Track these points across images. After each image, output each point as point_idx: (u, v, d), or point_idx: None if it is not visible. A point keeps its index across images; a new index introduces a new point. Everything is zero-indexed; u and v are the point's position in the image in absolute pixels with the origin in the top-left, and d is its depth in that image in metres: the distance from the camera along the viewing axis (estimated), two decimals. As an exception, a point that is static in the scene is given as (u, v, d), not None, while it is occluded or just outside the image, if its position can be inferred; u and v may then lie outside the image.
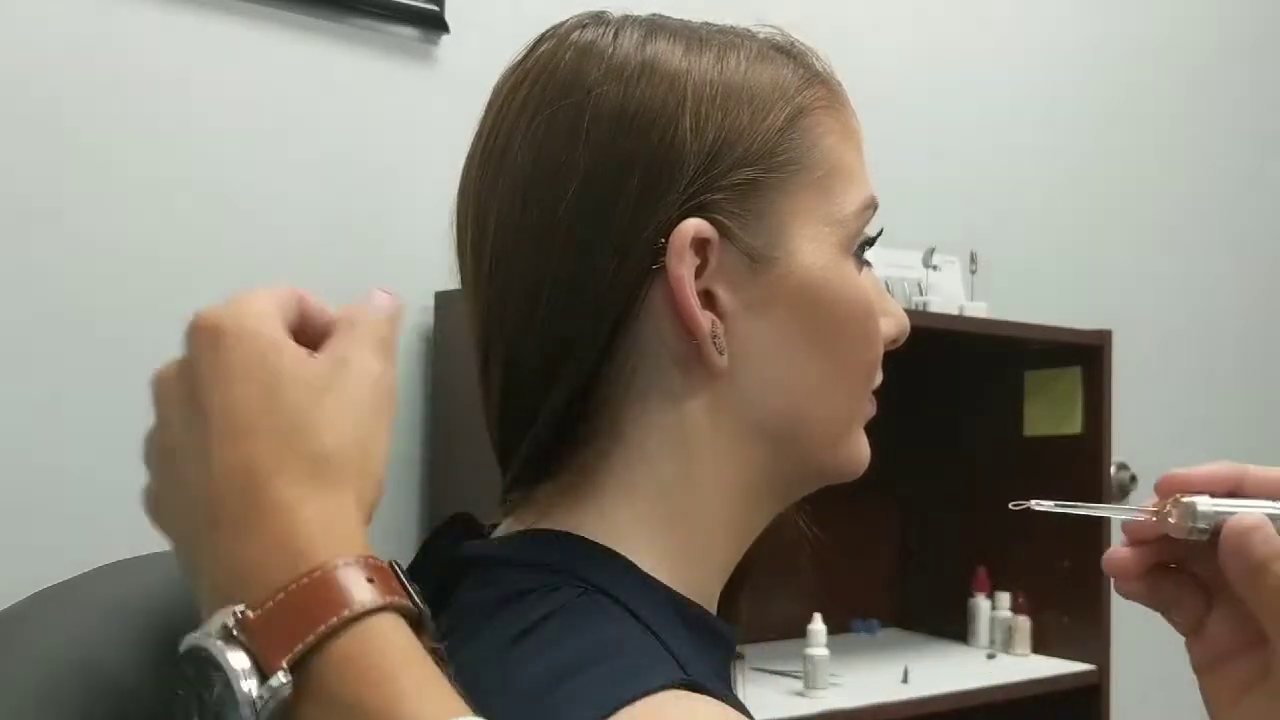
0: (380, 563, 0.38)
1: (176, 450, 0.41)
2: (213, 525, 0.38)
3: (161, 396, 0.42)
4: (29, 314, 1.30)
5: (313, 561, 0.36)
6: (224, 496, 0.38)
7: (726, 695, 0.46)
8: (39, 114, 1.31)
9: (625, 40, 0.52)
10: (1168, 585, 0.53)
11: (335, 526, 0.38)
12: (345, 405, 0.40)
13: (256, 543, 0.37)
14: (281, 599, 0.36)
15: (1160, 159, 2.53)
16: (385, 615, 0.36)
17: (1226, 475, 0.50)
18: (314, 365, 0.41)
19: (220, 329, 0.41)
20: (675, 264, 0.49)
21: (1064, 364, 1.84)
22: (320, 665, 0.35)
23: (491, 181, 0.53)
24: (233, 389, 0.39)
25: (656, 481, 0.51)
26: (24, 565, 1.15)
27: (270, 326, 0.41)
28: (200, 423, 0.39)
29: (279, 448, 0.38)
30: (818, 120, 0.54)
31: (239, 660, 0.35)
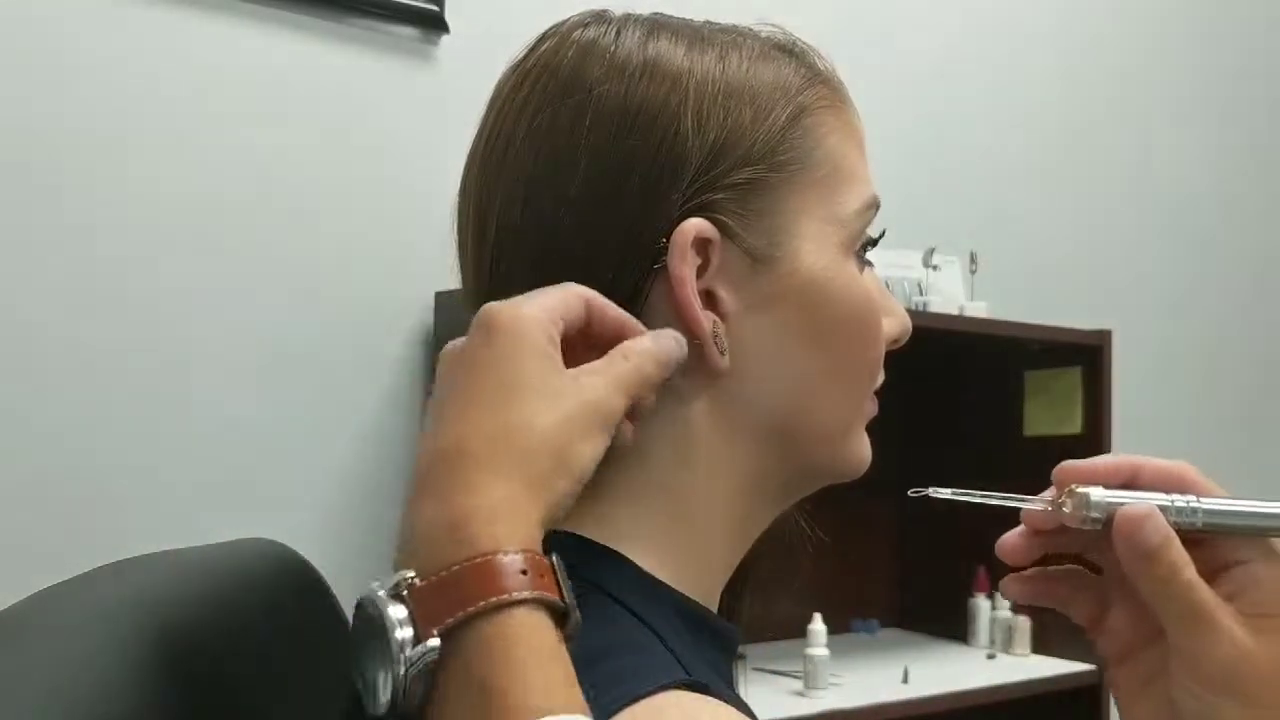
0: (541, 559, 0.40)
1: (431, 418, 0.45)
2: (419, 490, 0.43)
3: (441, 368, 0.47)
4: (29, 314, 1.30)
5: (481, 547, 0.39)
6: (432, 470, 0.43)
7: (729, 695, 0.46)
8: (39, 114, 1.31)
9: (627, 39, 0.52)
10: (1065, 585, 0.54)
11: (512, 519, 0.41)
12: (561, 418, 0.44)
13: (443, 518, 0.41)
14: (445, 575, 0.39)
15: (1160, 158, 2.53)
16: (531, 607, 0.39)
17: (1123, 467, 0.50)
18: (554, 380, 0.44)
19: (494, 325, 0.45)
20: (677, 264, 0.49)
21: (1064, 364, 1.84)
22: (464, 640, 0.38)
23: (493, 180, 0.53)
24: (480, 380, 0.44)
25: (657, 481, 0.51)
26: (24, 565, 1.15)
27: (538, 332, 0.45)
28: (449, 400, 0.44)
29: (491, 438, 0.42)
30: (820, 120, 0.54)
31: (399, 617, 0.39)
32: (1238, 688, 0.47)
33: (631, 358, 0.47)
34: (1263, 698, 0.47)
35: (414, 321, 1.54)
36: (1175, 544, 0.47)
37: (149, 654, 0.53)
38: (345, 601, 0.69)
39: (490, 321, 0.45)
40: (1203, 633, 0.47)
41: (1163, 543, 0.47)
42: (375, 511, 1.51)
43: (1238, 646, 0.47)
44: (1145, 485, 0.50)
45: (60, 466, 1.30)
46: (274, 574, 0.66)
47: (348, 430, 1.49)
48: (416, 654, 0.38)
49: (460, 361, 0.46)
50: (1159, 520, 0.47)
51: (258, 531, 0.71)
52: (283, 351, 1.45)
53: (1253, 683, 0.47)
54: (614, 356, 0.47)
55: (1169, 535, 0.47)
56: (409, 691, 0.38)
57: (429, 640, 0.38)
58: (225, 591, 0.62)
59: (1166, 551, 0.47)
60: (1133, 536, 0.47)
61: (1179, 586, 0.47)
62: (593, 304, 0.48)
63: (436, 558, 0.40)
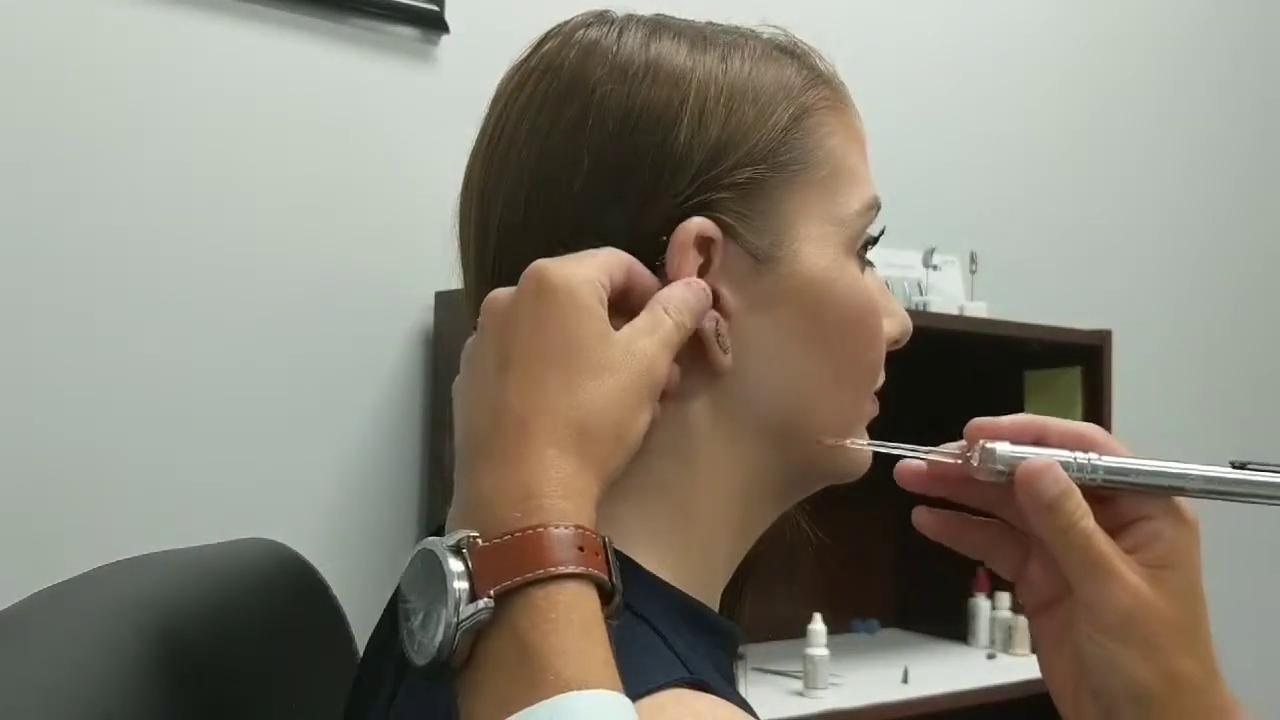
0: (595, 536, 0.42)
1: (483, 368, 0.46)
2: (482, 454, 0.44)
3: (488, 316, 0.47)
4: (29, 313, 1.30)
5: (542, 518, 0.41)
6: (498, 434, 0.44)
7: (730, 694, 0.46)
8: (40, 114, 1.31)
9: (629, 39, 0.52)
10: (984, 534, 0.55)
11: (576, 496, 0.42)
12: (618, 391, 0.45)
13: (509, 486, 0.42)
14: (507, 540, 0.41)
15: (1160, 158, 2.53)
16: (580, 582, 0.40)
17: (1031, 425, 0.52)
18: (611, 349, 0.46)
19: (547, 282, 0.45)
20: (677, 262, 0.49)
21: (1064, 364, 1.84)
22: (516, 604, 0.40)
23: (495, 180, 0.53)
24: (538, 341, 0.45)
25: (659, 480, 0.51)
26: (24, 565, 1.15)
27: (591, 293, 0.46)
28: (503, 360, 0.45)
29: (556, 409, 0.44)
30: (821, 120, 0.54)
31: (459, 570, 0.40)
32: (1136, 635, 0.48)
33: (672, 313, 0.48)
34: (1161, 645, 0.48)
35: (414, 321, 1.54)
36: (1074, 496, 0.49)
37: (149, 654, 0.53)
38: (345, 601, 0.69)
39: (543, 278, 0.46)
40: (1101, 581, 0.48)
41: (1061, 494, 0.48)
42: (375, 511, 1.51)
43: (1136, 595, 0.48)
44: (1051, 444, 0.51)
45: (60, 466, 1.30)
46: (274, 574, 0.66)
47: (348, 430, 1.49)
48: (470, 611, 0.40)
49: (514, 318, 0.46)
50: (1058, 473, 0.49)
51: (258, 531, 0.71)
52: (283, 351, 1.45)
53: (1151, 630, 0.48)
54: (657, 312, 0.48)
55: (1068, 487, 0.49)
56: (458, 646, 0.40)
57: (482, 599, 0.40)
58: (225, 591, 0.62)
59: (1065, 502, 0.48)
60: (1032, 487, 0.49)
61: (1078, 536, 0.48)
62: (633, 269, 0.49)
63: (500, 522, 0.41)
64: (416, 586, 0.42)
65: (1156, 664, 0.48)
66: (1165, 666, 0.48)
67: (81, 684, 0.49)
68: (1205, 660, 0.49)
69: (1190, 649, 0.49)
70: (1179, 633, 0.48)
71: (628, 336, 0.46)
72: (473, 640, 0.40)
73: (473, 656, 0.40)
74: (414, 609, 0.42)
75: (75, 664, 0.50)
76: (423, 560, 0.42)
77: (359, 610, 0.66)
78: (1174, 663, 0.48)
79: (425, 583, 0.41)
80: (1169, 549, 0.49)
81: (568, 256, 0.48)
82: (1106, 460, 0.50)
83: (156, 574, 0.61)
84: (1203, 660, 0.49)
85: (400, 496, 1.53)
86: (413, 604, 0.42)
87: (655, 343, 0.47)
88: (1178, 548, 0.49)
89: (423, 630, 0.41)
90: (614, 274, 0.48)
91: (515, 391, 0.44)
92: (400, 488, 1.53)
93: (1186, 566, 0.49)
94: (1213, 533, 0.53)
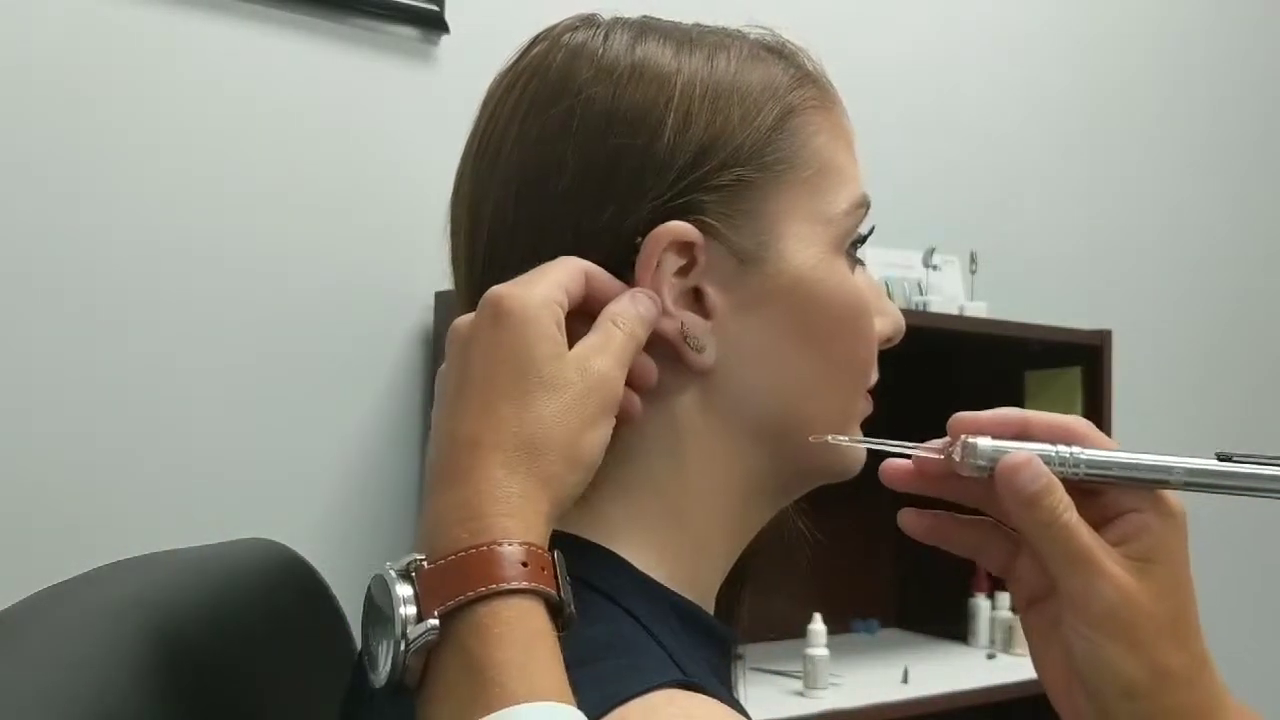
0: (542, 554, 0.42)
1: (442, 398, 0.47)
2: (436, 477, 0.44)
3: (452, 343, 0.48)
4: (29, 313, 1.30)
5: (488, 537, 0.41)
6: (451, 457, 0.44)
7: (724, 694, 0.46)
8: (40, 114, 1.31)
9: (616, 41, 0.53)
10: (972, 531, 0.55)
11: (522, 514, 0.43)
12: (567, 408, 0.45)
13: (455, 506, 0.43)
14: (452, 560, 0.41)
15: (1161, 158, 2.53)
16: (526, 597, 0.41)
17: (1012, 419, 0.51)
18: (562, 367, 0.46)
19: (503, 309, 0.46)
20: (640, 269, 0.50)
21: (1064, 364, 1.84)
22: (462, 622, 0.40)
23: (484, 182, 0.53)
24: (492, 367, 0.45)
25: (650, 479, 0.51)
26: (24, 565, 1.15)
27: (547, 316, 0.46)
28: (459, 386, 0.46)
29: (504, 429, 0.44)
30: (808, 120, 0.54)
31: (405, 594, 0.41)
32: (1121, 629, 0.48)
33: (621, 325, 0.48)
34: (1146, 638, 0.48)
35: (414, 321, 1.55)
36: (1056, 490, 0.48)
37: (149, 654, 0.53)
38: (345, 601, 0.69)
39: (498, 305, 0.46)
40: (1085, 575, 0.48)
41: (1042, 488, 0.48)
42: (375, 511, 1.51)
43: (1120, 589, 0.48)
44: (1035, 437, 0.51)
45: (60, 466, 1.30)
46: (274, 574, 0.66)
47: (348, 430, 1.49)
48: (416, 632, 0.40)
49: (472, 345, 0.47)
50: (1037, 467, 0.49)
51: (258, 531, 0.71)
52: (283, 351, 1.45)
53: (1136, 624, 0.48)
54: (607, 327, 0.48)
55: (1049, 481, 0.48)
56: (408, 667, 0.40)
57: (429, 620, 0.40)
58: (225, 591, 0.62)
59: (1046, 496, 0.48)
60: (1012, 482, 0.49)
61: (1060, 530, 0.48)
62: (592, 277, 0.49)
63: (446, 544, 0.42)
64: (371, 612, 0.43)
65: (1143, 658, 0.48)
66: (1152, 660, 0.48)
67: (81, 684, 0.49)
68: (1194, 653, 0.49)
69: (1178, 642, 0.49)
70: (1165, 626, 0.48)
71: (580, 355, 0.47)
72: (424, 660, 0.41)
73: (425, 675, 0.41)
74: (369, 634, 0.43)
75: (75, 664, 0.50)
76: (375, 586, 0.43)
77: (359, 610, 0.66)
78: (1161, 656, 0.48)
79: (376, 610, 0.42)
80: (1155, 542, 0.49)
81: (524, 277, 0.48)
82: (1089, 453, 0.50)
83: (156, 574, 0.61)
84: (1191, 653, 0.49)
85: (400, 496, 1.53)
86: (370, 628, 0.43)
87: (608, 358, 0.47)
88: (1164, 540, 0.49)
89: (377, 652, 0.42)
90: (571, 288, 0.48)
91: (468, 415, 0.45)
92: (400, 488, 1.53)
93: (1173, 559, 0.49)
94: (1209, 527, 0.53)
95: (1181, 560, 0.49)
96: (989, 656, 1.80)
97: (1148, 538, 0.49)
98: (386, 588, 0.42)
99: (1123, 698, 0.49)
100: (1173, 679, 0.49)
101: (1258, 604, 2.57)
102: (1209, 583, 0.58)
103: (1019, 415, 0.51)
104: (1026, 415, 0.51)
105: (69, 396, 1.31)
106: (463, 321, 0.48)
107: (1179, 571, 0.49)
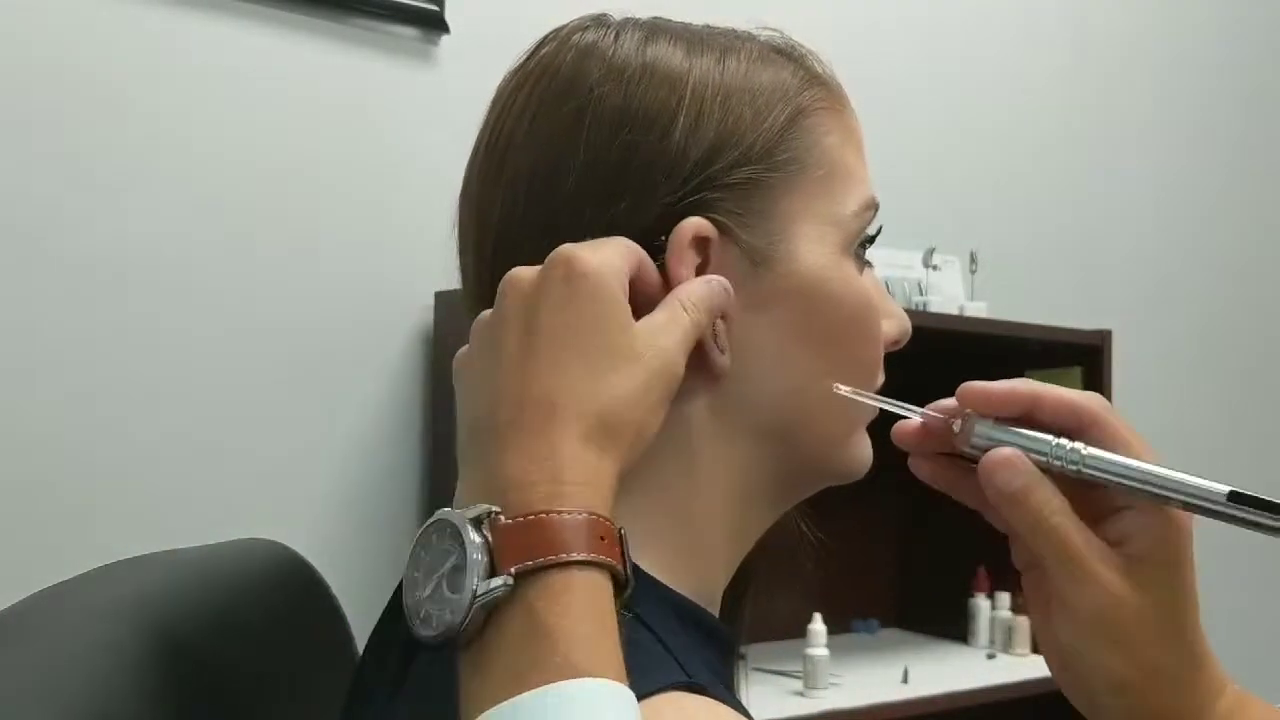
0: (613, 527, 0.42)
1: (502, 348, 0.45)
2: (507, 433, 0.43)
3: (512, 295, 0.46)
4: (29, 313, 1.30)
5: (569, 504, 0.41)
6: (524, 417, 0.43)
7: (727, 697, 0.46)
8: (40, 115, 1.31)
9: (626, 42, 0.53)
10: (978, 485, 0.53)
11: (596, 482, 0.43)
12: (641, 386, 0.45)
13: (534, 467, 0.42)
14: (531, 519, 0.41)
15: (1161, 158, 2.53)
16: (596, 570, 0.41)
17: (1021, 396, 0.50)
18: (636, 341, 0.46)
19: (576, 266, 0.45)
20: (674, 262, 0.49)
21: (1064, 364, 1.84)
22: (533, 584, 0.40)
23: (493, 182, 0.53)
24: (568, 320, 0.45)
25: (657, 480, 0.51)
26: (24, 565, 1.15)
27: (618, 283, 0.46)
28: (530, 339, 0.45)
29: (583, 397, 0.44)
30: (818, 121, 0.54)
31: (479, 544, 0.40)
32: (1107, 630, 0.48)
33: (690, 310, 0.48)
34: (1136, 641, 0.48)
35: (414, 321, 1.55)
36: (1041, 489, 0.48)
37: (148, 654, 0.53)
38: (345, 602, 0.69)
39: (571, 263, 0.45)
40: (1071, 576, 0.48)
41: (1024, 488, 0.48)
42: (375, 511, 1.51)
43: (1108, 593, 0.47)
44: (1044, 418, 0.50)
45: (60, 466, 1.30)
46: (274, 574, 0.66)
47: (348, 430, 1.49)
48: (487, 586, 0.39)
49: (540, 299, 0.45)
50: (1021, 466, 0.48)
51: (258, 531, 0.71)
52: (282, 351, 1.45)
53: (1125, 627, 0.48)
54: (675, 308, 0.48)
55: (1031, 481, 0.48)
56: (470, 619, 0.40)
57: (503, 576, 0.40)
58: (225, 591, 0.62)
59: (1029, 496, 0.48)
60: (992, 479, 0.48)
61: (1045, 529, 0.48)
62: (644, 262, 0.49)
63: (524, 503, 0.41)
64: (428, 556, 0.42)
65: (1131, 658, 0.48)
66: (1141, 661, 0.48)
67: (81, 684, 0.49)
68: (1190, 652, 0.49)
69: (1169, 643, 0.48)
70: (1156, 627, 0.48)
71: (649, 330, 0.46)
72: (485, 616, 0.40)
73: (483, 633, 0.40)
74: (423, 579, 0.41)
75: (75, 664, 0.50)
76: (437, 530, 0.42)
77: (359, 610, 0.66)
78: (1151, 657, 0.48)
79: (439, 553, 0.41)
80: (1152, 544, 0.48)
81: (591, 242, 0.47)
82: (1091, 453, 0.48)
83: (156, 574, 0.61)
84: (1187, 652, 0.49)
85: (400, 496, 1.53)
86: (421, 574, 0.41)
87: (674, 340, 0.47)
88: (1162, 543, 0.48)
89: (432, 601, 0.41)
90: (631, 263, 0.48)
91: (540, 372, 0.44)
92: (400, 487, 1.53)
93: (1170, 561, 0.48)
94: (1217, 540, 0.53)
95: (1180, 561, 0.48)
96: (989, 656, 1.80)
97: (1146, 539, 0.48)
98: (457, 533, 0.41)
99: (1110, 693, 0.49)
100: (1163, 677, 0.48)
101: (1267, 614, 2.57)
102: (1214, 585, 0.57)
103: (1028, 392, 0.50)
104: (1037, 393, 0.50)
105: (69, 397, 1.31)
106: (524, 273, 0.47)
107: (1177, 573, 0.48)
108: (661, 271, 0.50)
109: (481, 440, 0.44)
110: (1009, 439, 0.49)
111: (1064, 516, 0.48)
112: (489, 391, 0.45)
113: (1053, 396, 0.50)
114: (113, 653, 0.52)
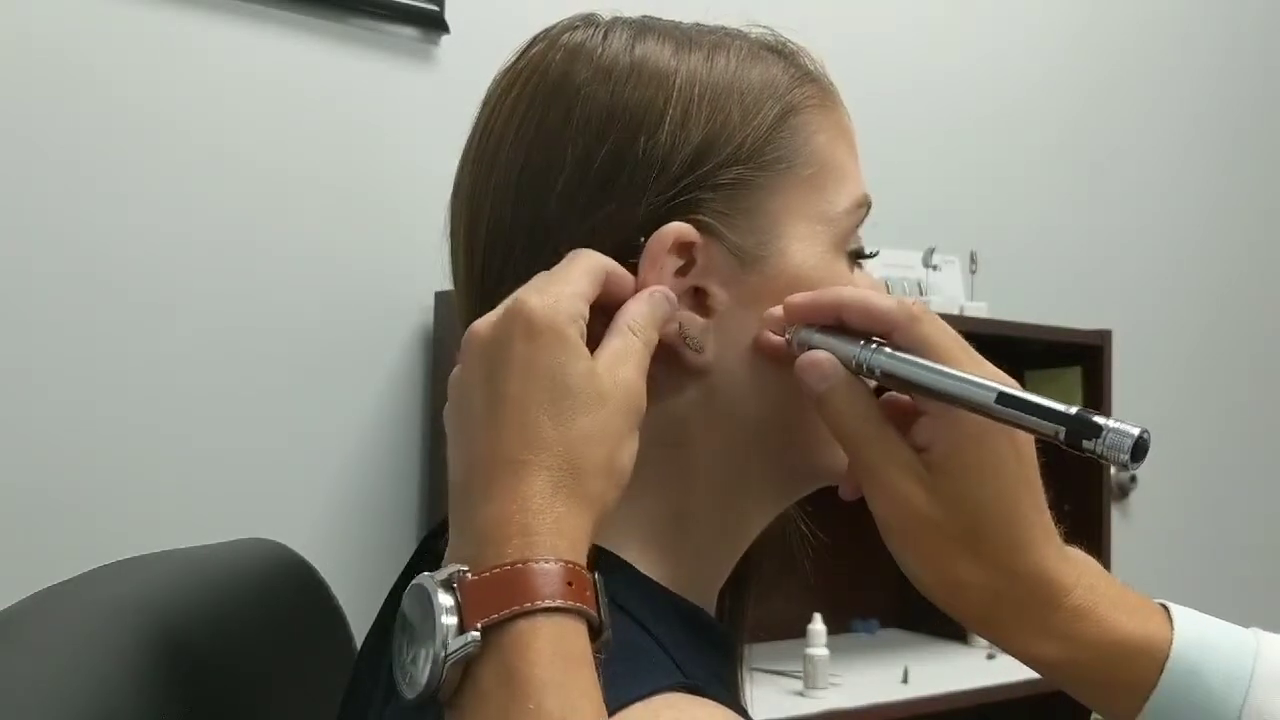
0: (585, 575, 0.42)
1: (471, 406, 0.46)
2: (478, 492, 0.44)
3: (474, 354, 0.47)
4: (29, 313, 1.30)
5: (535, 553, 0.41)
6: (493, 474, 0.44)
7: (724, 698, 0.46)
8: (39, 114, 1.31)
9: (614, 41, 0.53)
10: None
11: (565, 530, 0.43)
12: (609, 426, 0.45)
13: (502, 522, 0.42)
14: (498, 573, 0.41)
15: (1161, 158, 2.53)
16: (568, 616, 0.41)
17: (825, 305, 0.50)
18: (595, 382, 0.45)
19: (534, 323, 0.45)
20: (645, 268, 0.49)
21: (1064, 364, 1.84)
22: (503, 636, 0.40)
23: (484, 182, 0.53)
24: (528, 385, 0.44)
25: (650, 479, 0.51)
26: (24, 565, 1.15)
27: (575, 328, 0.46)
28: (494, 400, 0.45)
29: (551, 448, 0.44)
30: (808, 119, 0.54)
31: (447, 604, 0.41)
32: (905, 542, 0.49)
33: (638, 332, 0.48)
34: (932, 551, 0.48)
35: (414, 321, 1.55)
36: (845, 392, 0.49)
37: (149, 654, 0.53)
38: (345, 601, 0.69)
39: (530, 320, 0.45)
40: (867, 485, 0.49)
41: (829, 390, 0.49)
42: (375, 511, 1.51)
43: (902, 503, 0.48)
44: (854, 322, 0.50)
45: (60, 466, 1.30)
46: (274, 574, 0.66)
47: (348, 430, 1.49)
48: (458, 643, 0.40)
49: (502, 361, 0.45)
50: (827, 369, 0.49)
51: (258, 531, 0.71)
52: (282, 351, 1.45)
53: (918, 537, 0.48)
54: (624, 334, 0.47)
55: (838, 384, 0.49)
56: (446, 678, 0.40)
57: (471, 631, 0.40)
58: (225, 591, 0.62)
59: (832, 398, 0.49)
60: (804, 383, 0.50)
61: (844, 434, 0.49)
62: (611, 274, 0.48)
63: (491, 557, 0.41)
64: (410, 620, 0.42)
65: (933, 570, 0.49)
66: (942, 573, 0.49)
67: (81, 684, 0.49)
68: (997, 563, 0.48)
69: (969, 554, 0.48)
70: (955, 539, 0.48)
71: (608, 366, 0.46)
72: (461, 672, 0.40)
73: (460, 688, 0.40)
74: (406, 642, 0.42)
75: (75, 664, 0.50)
76: (412, 595, 0.42)
77: (359, 610, 0.66)
78: (951, 570, 0.48)
79: (418, 617, 0.42)
80: (947, 450, 0.48)
81: (545, 279, 0.47)
82: (884, 356, 0.48)
83: (156, 574, 0.61)
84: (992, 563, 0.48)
85: (400, 496, 1.53)
86: (405, 637, 0.42)
87: (632, 368, 0.47)
88: (956, 449, 0.48)
89: (413, 664, 0.41)
90: (591, 291, 0.47)
91: (508, 433, 0.44)
92: (400, 488, 1.53)
93: (965, 468, 0.48)
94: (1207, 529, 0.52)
95: (976, 467, 0.48)
96: (989, 657, 1.80)
97: (941, 445, 0.48)
98: (427, 596, 0.41)
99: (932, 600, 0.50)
100: (967, 589, 0.49)
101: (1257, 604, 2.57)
102: (1215, 584, 0.57)
103: (833, 300, 0.50)
104: (841, 300, 0.50)
105: (69, 397, 1.31)
106: (483, 326, 0.47)
107: (975, 481, 0.48)
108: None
109: (459, 505, 0.45)
110: (820, 343, 0.50)
111: (864, 422, 0.49)
112: (464, 455, 0.46)
113: (858, 302, 0.50)
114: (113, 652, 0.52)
